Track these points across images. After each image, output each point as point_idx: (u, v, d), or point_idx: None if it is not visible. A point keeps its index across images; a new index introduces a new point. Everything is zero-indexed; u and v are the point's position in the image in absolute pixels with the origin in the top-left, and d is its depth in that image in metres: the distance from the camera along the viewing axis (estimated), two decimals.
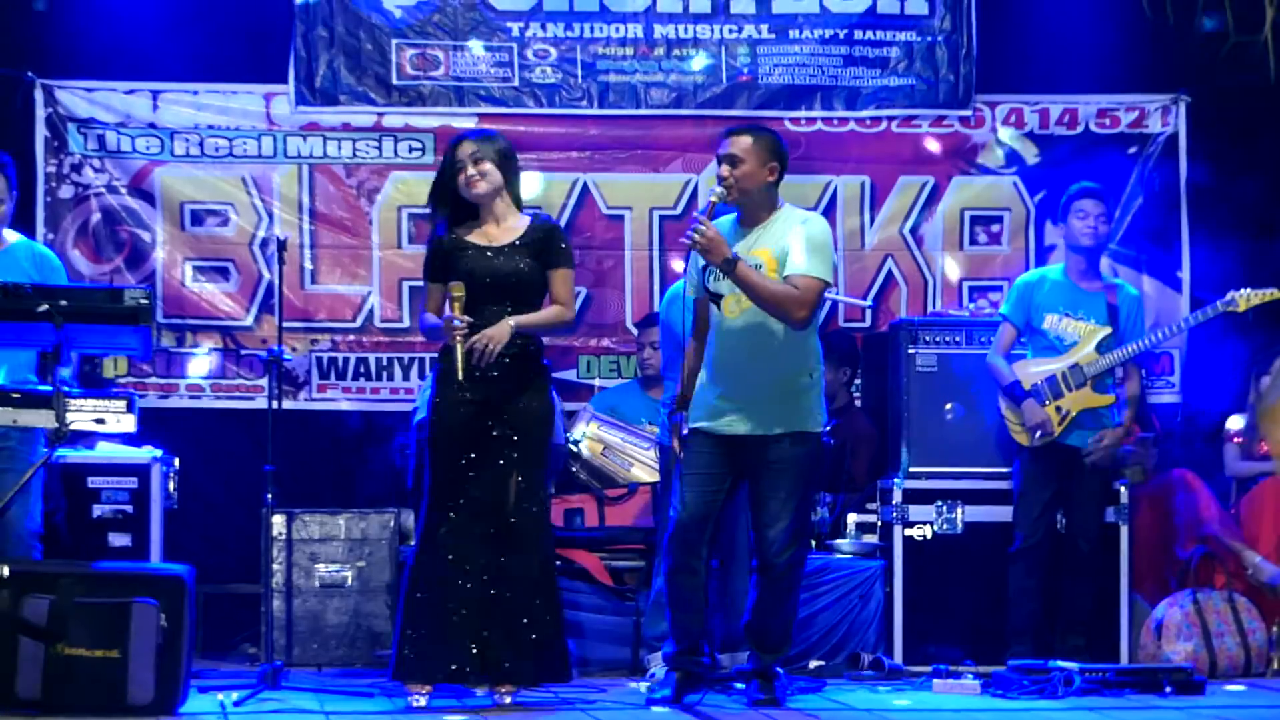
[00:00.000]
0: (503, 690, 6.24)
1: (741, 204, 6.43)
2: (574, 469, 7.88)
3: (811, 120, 8.79)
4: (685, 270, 6.68)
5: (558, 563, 7.36)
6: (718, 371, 6.42)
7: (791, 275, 6.31)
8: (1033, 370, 7.39)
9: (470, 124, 8.55)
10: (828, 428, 8.08)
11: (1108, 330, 7.35)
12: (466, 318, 6.17)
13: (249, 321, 8.52)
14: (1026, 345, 7.51)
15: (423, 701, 6.19)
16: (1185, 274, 8.86)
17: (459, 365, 6.16)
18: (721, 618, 7.04)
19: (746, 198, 6.42)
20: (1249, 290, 7.36)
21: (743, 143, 6.41)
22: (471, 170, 6.33)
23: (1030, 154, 8.88)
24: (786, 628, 6.55)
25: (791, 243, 6.35)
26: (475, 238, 6.36)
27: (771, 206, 6.47)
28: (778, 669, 6.62)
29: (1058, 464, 7.36)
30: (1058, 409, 7.30)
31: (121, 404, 6.15)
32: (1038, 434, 7.30)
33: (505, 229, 6.37)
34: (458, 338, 6.16)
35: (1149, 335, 7.46)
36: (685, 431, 6.49)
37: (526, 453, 6.31)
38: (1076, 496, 7.38)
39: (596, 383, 8.67)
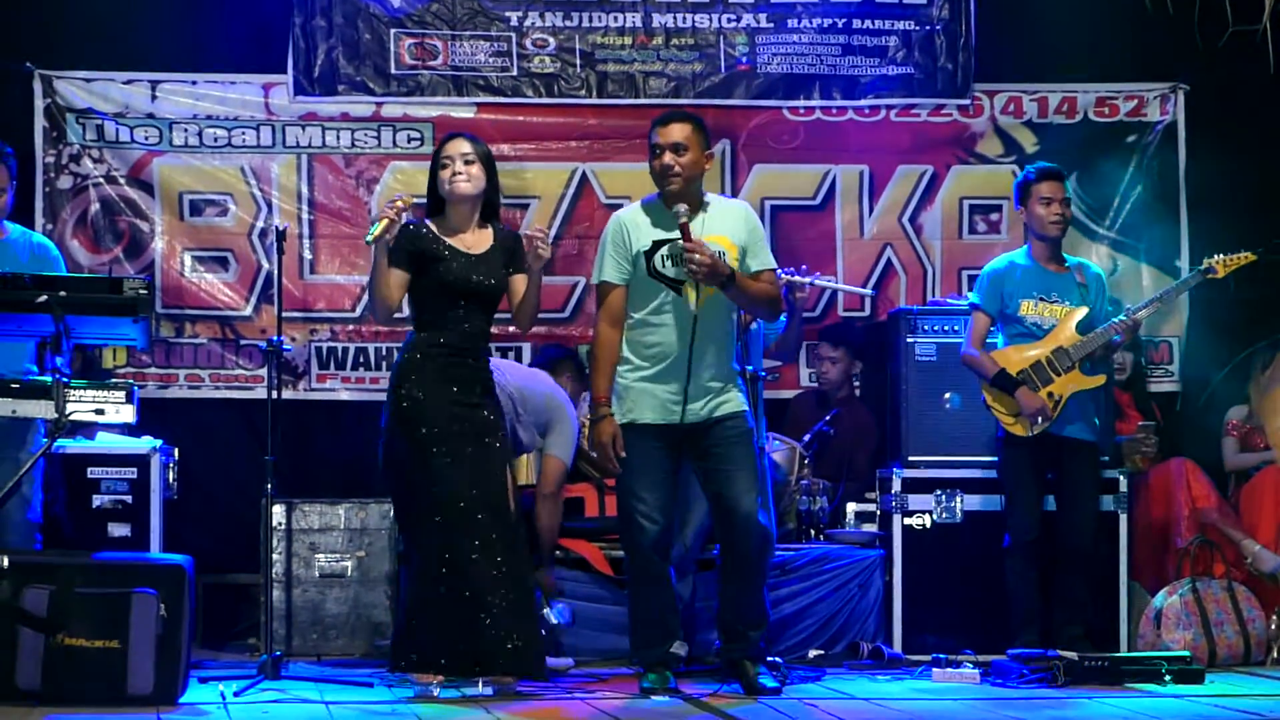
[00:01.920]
0: (502, 681, 6.23)
1: (682, 193, 6.35)
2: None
3: (810, 109, 8.78)
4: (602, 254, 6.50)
5: (557, 552, 7.40)
6: (671, 362, 6.34)
7: (761, 271, 6.42)
8: (1015, 358, 7.33)
9: (469, 114, 8.56)
10: (827, 418, 8.12)
11: (1084, 310, 7.31)
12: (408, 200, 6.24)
13: (248, 311, 8.51)
14: (998, 334, 7.46)
15: (437, 692, 6.18)
16: (1184, 263, 8.84)
17: (375, 231, 6.11)
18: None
19: (688, 185, 6.38)
20: (1224, 255, 7.36)
21: (685, 130, 6.38)
22: (460, 169, 6.30)
23: (1029, 143, 8.87)
24: (765, 600, 6.55)
25: (749, 235, 6.41)
26: (453, 241, 6.34)
27: (701, 192, 6.47)
28: (778, 659, 6.62)
29: (1047, 455, 7.32)
30: (1050, 394, 7.26)
31: (121, 394, 6.16)
32: (1038, 420, 7.25)
33: (479, 236, 6.36)
34: (389, 213, 6.13)
35: (1128, 310, 7.39)
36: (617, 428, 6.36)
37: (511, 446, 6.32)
38: (1069, 488, 7.32)
39: None
